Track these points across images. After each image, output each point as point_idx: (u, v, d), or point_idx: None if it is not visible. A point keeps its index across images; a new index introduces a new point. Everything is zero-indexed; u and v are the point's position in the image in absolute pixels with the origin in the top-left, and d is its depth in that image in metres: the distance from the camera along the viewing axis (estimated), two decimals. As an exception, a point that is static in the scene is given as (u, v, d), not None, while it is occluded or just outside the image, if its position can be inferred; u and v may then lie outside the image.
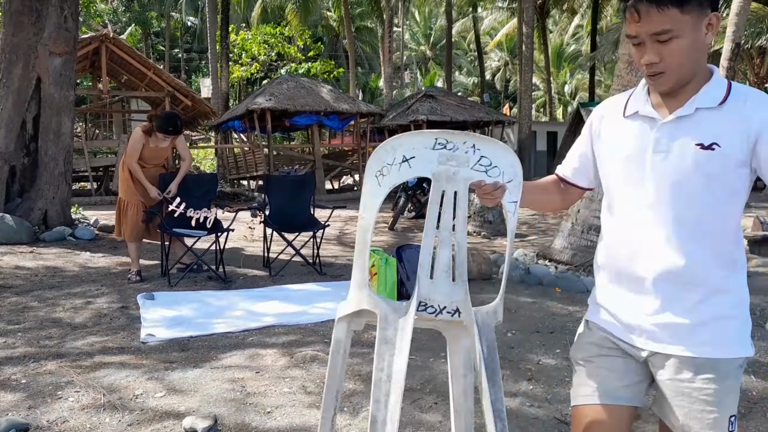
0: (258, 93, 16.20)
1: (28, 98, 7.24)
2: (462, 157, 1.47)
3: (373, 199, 1.47)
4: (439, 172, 1.47)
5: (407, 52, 43.94)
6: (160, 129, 5.08)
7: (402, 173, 1.47)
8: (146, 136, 5.14)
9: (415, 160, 1.44)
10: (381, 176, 1.45)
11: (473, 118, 17.26)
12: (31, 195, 7.32)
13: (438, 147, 1.46)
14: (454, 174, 1.46)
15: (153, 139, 5.16)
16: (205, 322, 3.91)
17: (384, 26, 21.16)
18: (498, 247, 7.08)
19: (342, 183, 20.48)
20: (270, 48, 25.59)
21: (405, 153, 1.46)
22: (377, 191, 1.46)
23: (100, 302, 4.41)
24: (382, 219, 10.09)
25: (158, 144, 5.20)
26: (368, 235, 1.48)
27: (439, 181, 1.47)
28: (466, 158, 1.47)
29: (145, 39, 34.78)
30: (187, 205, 5.07)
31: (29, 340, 3.50)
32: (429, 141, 1.45)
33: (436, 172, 1.47)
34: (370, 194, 1.46)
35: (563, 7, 29.18)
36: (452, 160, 1.47)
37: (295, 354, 3.29)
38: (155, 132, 5.10)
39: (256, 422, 2.48)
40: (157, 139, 5.16)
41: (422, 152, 1.45)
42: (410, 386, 2.86)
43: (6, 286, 4.85)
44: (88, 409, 2.57)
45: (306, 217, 5.78)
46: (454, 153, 1.46)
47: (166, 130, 5.08)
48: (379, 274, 4.44)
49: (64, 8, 7.20)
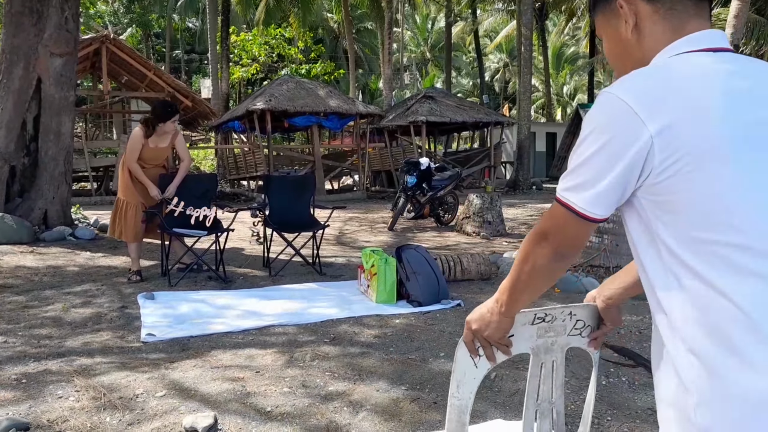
0: (258, 94, 16.21)
1: (29, 98, 7.25)
2: (560, 326, 1.44)
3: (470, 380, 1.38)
4: (538, 346, 1.42)
5: (407, 53, 43.96)
6: (162, 117, 5.03)
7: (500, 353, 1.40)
8: (145, 137, 5.12)
9: (513, 338, 1.37)
10: (477, 357, 1.37)
11: (472, 119, 17.27)
12: (32, 195, 7.33)
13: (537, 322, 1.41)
14: (551, 344, 1.43)
15: (153, 139, 5.14)
16: (205, 322, 3.92)
17: (384, 28, 21.18)
18: (497, 247, 7.09)
19: (342, 183, 20.49)
20: (271, 49, 25.62)
21: None
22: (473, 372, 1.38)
23: (101, 302, 4.41)
24: (381, 219, 10.10)
25: (158, 144, 5.19)
26: (465, 417, 1.39)
27: (538, 355, 1.43)
28: (564, 326, 1.44)
29: (146, 40, 34.82)
30: (186, 205, 5.09)
31: (29, 340, 3.50)
32: (528, 317, 1.40)
33: (535, 347, 1.42)
34: (465, 374, 1.37)
35: (562, 9, 29.20)
36: (551, 331, 1.43)
37: (295, 354, 3.30)
38: (160, 126, 5.06)
39: (256, 421, 2.49)
40: (157, 139, 5.15)
41: (521, 329, 1.39)
42: (410, 386, 2.87)
43: (6, 285, 4.86)
44: (89, 409, 2.57)
45: (306, 217, 5.79)
46: (553, 324, 1.42)
47: (169, 114, 5.04)
48: (378, 274, 4.45)
49: (65, 9, 7.21)
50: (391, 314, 4.15)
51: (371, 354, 3.32)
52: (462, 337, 1.31)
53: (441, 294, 4.44)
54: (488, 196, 8.37)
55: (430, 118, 16.26)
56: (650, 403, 2.73)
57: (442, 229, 9.02)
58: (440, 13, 35.76)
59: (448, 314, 4.17)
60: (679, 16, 1.00)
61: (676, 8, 1.00)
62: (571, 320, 1.45)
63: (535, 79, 34.71)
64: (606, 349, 3.38)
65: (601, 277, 5.09)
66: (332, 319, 4.00)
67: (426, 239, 7.86)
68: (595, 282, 4.91)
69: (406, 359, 3.24)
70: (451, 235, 8.30)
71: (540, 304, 4.65)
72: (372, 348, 3.43)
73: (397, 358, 3.26)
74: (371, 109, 16.82)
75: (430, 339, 3.60)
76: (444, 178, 9.26)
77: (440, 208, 9.30)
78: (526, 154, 17.85)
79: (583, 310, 1.47)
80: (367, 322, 3.98)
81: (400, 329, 3.80)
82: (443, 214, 9.35)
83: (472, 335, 1.27)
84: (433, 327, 3.85)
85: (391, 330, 3.78)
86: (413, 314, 4.16)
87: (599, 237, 5.33)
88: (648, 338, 3.42)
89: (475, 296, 4.66)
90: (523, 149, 17.77)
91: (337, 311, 4.19)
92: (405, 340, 3.57)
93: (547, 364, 1.44)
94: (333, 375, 3.00)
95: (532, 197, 15.33)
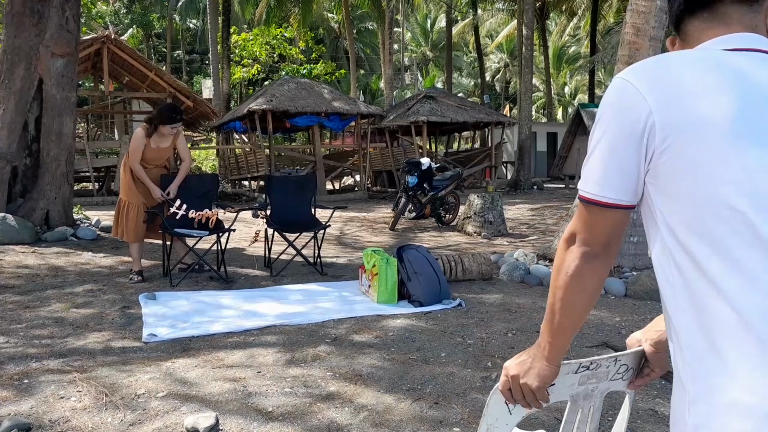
0: (259, 94, 16.21)
1: (30, 99, 7.26)
2: (603, 373, 1.36)
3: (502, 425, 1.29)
4: (578, 393, 1.35)
5: (408, 53, 43.96)
6: (165, 120, 5.03)
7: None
8: (147, 137, 5.13)
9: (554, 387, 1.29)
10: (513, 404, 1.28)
11: (473, 119, 17.27)
12: (33, 195, 7.34)
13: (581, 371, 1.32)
14: (592, 391, 1.35)
15: (154, 139, 5.15)
16: (206, 322, 3.93)
17: (384, 28, 21.19)
18: (498, 247, 7.09)
19: (343, 183, 20.50)
20: (272, 49, 25.64)
21: None
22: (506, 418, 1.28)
23: (102, 302, 4.42)
24: (382, 219, 10.10)
25: (159, 144, 5.19)
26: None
27: (576, 402, 1.35)
28: (607, 372, 1.36)
29: (147, 40, 34.84)
30: (189, 206, 5.09)
31: (31, 340, 3.51)
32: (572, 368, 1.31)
33: (575, 394, 1.34)
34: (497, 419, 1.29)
35: (563, 9, 29.19)
36: (593, 378, 1.34)
37: (296, 354, 3.30)
38: (159, 128, 5.07)
39: (257, 422, 2.49)
40: (159, 139, 5.16)
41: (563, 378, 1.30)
42: (411, 386, 2.88)
43: (8, 285, 4.87)
44: (90, 409, 2.58)
45: (307, 217, 5.80)
46: (596, 372, 1.34)
47: (172, 119, 5.06)
48: (380, 274, 4.45)
49: (66, 10, 7.22)
50: (392, 314, 4.16)
51: (372, 354, 3.33)
52: (497, 384, 1.22)
53: (442, 294, 4.45)
54: (489, 196, 8.37)
55: (431, 118, 16.26)
56: (651, 403, 2.73)
57: (443, 229, 9.02)
58: (440, 13, 35.74)
59: (449, 314, 4.17)
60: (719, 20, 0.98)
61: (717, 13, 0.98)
62: (615, 365, 1.37)
63: (536, 78, 34.71)
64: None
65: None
66: (333, 319, 4.01)
67: (427, 239, 7.86)
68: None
69: (407, 359, 3.24)
70: (452, 235, 8.30)
71: (541, 304, 4.64)
72: (373, 348, 3.43)
73: (398, 358, 3.26)
74: (372, 109, 16.82)
75: (431, 339, 3.60)
76: (445, 178, 9.26)
77: (441, 208, 9.30)
78: (527, 154, 17.85)
79: (629, 357, 1.39)
80: (369, 322, 3.98)
81: (401, 329, 3.80)
82: (444, 214, 9.35)
83: (508, 383, 1.17)
84: (434, 327, 3.86)
85: (392, 330, 3.79)
86: (414, 314, 4.17)
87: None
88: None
89: (477, 296, 4.66)
90: (524, 149, 17.77)
91: (339, 311, 4.20)
92: (406, 341, 3.57)
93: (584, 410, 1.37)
94: (334, 375, 3.00)
95: (533, 197, 15.32)
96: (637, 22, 5.25)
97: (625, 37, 5.34)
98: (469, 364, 3.16)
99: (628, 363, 1.38)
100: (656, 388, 2.86)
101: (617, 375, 1.37)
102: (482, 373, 3.04)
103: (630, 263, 5.30)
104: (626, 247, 5.32)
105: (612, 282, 4.88)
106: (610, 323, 3.96)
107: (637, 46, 5.25)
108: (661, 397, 2.80)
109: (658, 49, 5.33)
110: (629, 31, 5.31)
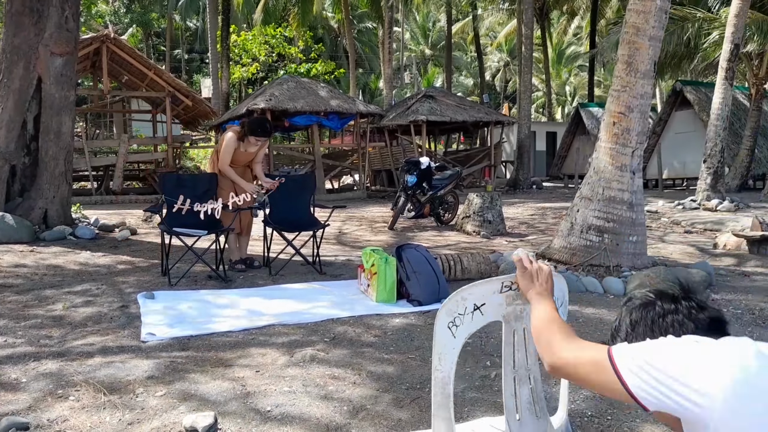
0: (258, 93, 16.21)
1: (29, 98, 7.25)
2: None
3: (449, 351, 1.48)
4: (508, 313, 1.51)
5: (407, 52, 43.95)
6: (252, 132, 5.37)
7: (475, 321, 1.47)
8: (239, 140, 5.40)
9: (485, 306, 1.46)
10: (454, 327, 1.45)
11: (473, 119, 17.26)
12: (32, 194, 7.33)
13: (504, 290, 1.49)
14: (521, 312, 1.50)
15: (244, 143, 5.43)
16: (205, 321, 3.92)
17: (384, 27, 21.17)
18: (497, 246, 7.08)
19: (342, 183, 20.50)
20: (271, 48, 25.63)
21: (475, 301, 1.49)
22: (452, 342, 1.47)
23: (101, 301, 4.42)
24: (381, 219, 10.10)
25: (247, 149, 5.49)
26: (449, 387, 1.46)
27: (509, 323, 1.50)
28: None
29: (146, 40, 34.82)
30: (192, 202, 5.14)
31: (29, 339, 3.50)
32: (496, 286, 1.49)
33: (506, 314, 1.50)
34: (444, 345, 1.46)
35: (563, 9, 29.20)
36: (518, 299, 1.50)
37: (295, 353, 3.30)
38: (247, 136, 5.37)
39: (256, 421, 2.49)
40: (248, 144, 5.42)
41: (491, 298, 1.47)
42: (410, 385, 2.87)
43: (6, 285, 4.86)
44: (89, 408, 2.57)
45: (306, 216, 5.79)
46: (519, 292, 1.48)
47: (256, 133, 5.38)
48: (378, 274, 4.45)
49: (65, 9, 7.21)
50: (391, 314, 4.15)
51: (371, 353, 3.32)
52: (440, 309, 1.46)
53: (441, 293, 4.44)
54: (488, 196, 8.37)
55: (430, 118, 16.25)
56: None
57: (443, 228, 9.03)
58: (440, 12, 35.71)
59: (448, 314, 4.17)
60: None
61: None
62: None
63: (535, 78, 34.70)
64: None
65: (601, 276, 5.09)
66: (332, 319, 4.00)
67: (426, 238, 7.86)
68: (596, 281, 4.91)
69: (406, 359, 3.24)
70: (452, 235, 8.30)
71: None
72: (372, 347, 3.43)
73: (397, 357, 3.26)
74: (371, 108, 16.82)
75: (430, 338, 3.58)
76: (444, 177, 9.26)
77: (440, 207, 9.30)
78: (527, 154, 17.85)
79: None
80: (367, 321, 3.98)
81: (400, 329, 3.80)
82: (443, 214, 9.35)
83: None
84: (433, 326, 3.85)
85: (391, 329, 3.78)
86: (413, 314, 4.16)
87: (599, 236, 5.32)
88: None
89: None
90: (524, 148, 17.77)
91: (337, 311, 4.19)
92: (405, 340, 3.57)
93: (518, 331, 1.51)
94: (333, 374, 3.00)
95: (532, 196, 15.33)
96: (637, 21, 5.25)
97: (625, 37, 5.33)
98: (468, 363, 3.15)
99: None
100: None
101: None
102: (481, 372, 3.04)
103: (629, 262, 5.30)
104: (626, 246, 5.32)
105: (611, 281, 4.88)
106: (608, 321, 3.96)
107: (637, 46, 5.25)
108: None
109: (657, 49, 5.33)
110: (629, 30, 5.30)
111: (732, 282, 5.21)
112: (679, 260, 6.23)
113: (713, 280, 5.04)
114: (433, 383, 1.47)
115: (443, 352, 1.48)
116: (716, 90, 12.02)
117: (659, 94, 30.27)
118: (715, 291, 4.83)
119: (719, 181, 12.18)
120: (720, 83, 11.86)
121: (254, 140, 5.41)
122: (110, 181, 14.06)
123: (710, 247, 7.05)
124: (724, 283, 5.11)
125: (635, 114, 5.26)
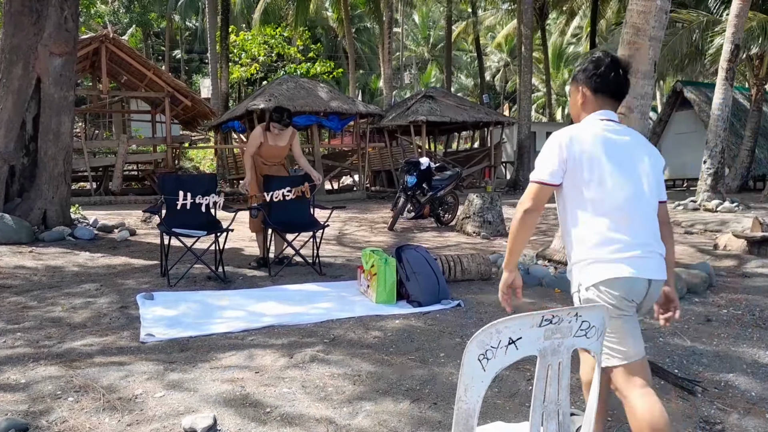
0: (257, 93, 16.20)
1: (28, 98, 7.24)
2: (566, 328, 1.48)
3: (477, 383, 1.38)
4: (545, 348, 1.45)
5: (407, 52, 43.94)
6: (272, 119, 5.56)
7: (509, 355, 1.42)
8: (265, 133, 5.60)
9: (521, 340, 1.41)
10: (485, 360, 1.38)
11: (473, 119, 17.26)
12: (31, 195, 7.32)
13: (544, 324, 1.44)
14: (558, 346, 1.46)
15: (271, 137, 5.60)
16: (204, 322, 3.91)
17: (383, 27, 21.17)
18: (498, 247, 7.08)
19: (341, 183, 20.49)
20: (270, 49, 25.61)
21: (511, 335, 1.43)
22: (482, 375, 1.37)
23: (100, 302, 4.41)
24: (381, 219, 10.09)
25: (277, 143, 5.64)
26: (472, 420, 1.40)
27: (545, 357, 1.45)
28: (570, 327, 1.48)
29: (146, 40, 34.79)
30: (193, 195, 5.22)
31: (29, 340, 3.49)
32: (535, 320, 1.44)
33: (542, 348, 1.45)
34: (472, 378, 1.37)
35: (563, 9, 29.19)
36: (557, 333, 1.46)
37: (295, 354, 3.29)
38: (271, 126, 5.54)
39: (255, 422, 2.48)
40: (274, 137, 5.61)
41: (528, 332, 1.42)
42: (410, 386, 2.87)
43: (5, 286, 4.85)
44: (88, 409, 2.57)
45: (306, 217, 5.78)
46: (560, 326, 1.46)
47: (272, 118, 5.55)
48: (378, 275, 4.44)
49: (64, 9, 7.20)
50: (390, 314, 4.14)
51: (371, 354, 3.31)
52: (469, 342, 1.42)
53: (441, 294, 4.43)
54: (488, 196, 8.36)
55: (430, 118, 16.25)
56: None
57: (442, 229, 9.02)
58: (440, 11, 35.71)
59: (448, 314, 4.16)
60: (601, 102, 2.10)
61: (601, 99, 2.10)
62: (576, 321, 1.49)
63: (535, 78, 34.69)
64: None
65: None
66: (332, 320, 3.99)
67: (426, 239, 7.85)
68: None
69: (405, 360, 3.23)
70: (452, 235, 8.29)
71: (541, 304, 4.65)
72: (372, 348, 3.42)
73: (396, 358, 3.25)
74: (371, 108, 16.80)
75: (430, 339, 3.59)
76: (444, 177, 9.25)
77: (440, 208, 9.29)
78: (527, 154, 17.84)
79: (588, 312, 1.51)
80: (367, 322, 3.97)
81: (400, 330, 3.79)
82: (443, 214, 9.34)
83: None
84: (433, 327, 3.84)
85: (391, 330, 3.78)
86: (413, 314, 4.15)
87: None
88: (649, 338, 3.41)
89: (476, 296, 4.65)
90: (524, 149, 17.77)
91: (337, 312, 4.18)
92: (405, 341, 3.56)
93: (553, 365, 1.47)
94: (332, 375, 2.99)
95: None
96: (637, 22, 5.24)
97: (625, 37, 5.33)
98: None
99: (589, 320, 1.51)
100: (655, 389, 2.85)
101: (580, 332, 1.50)
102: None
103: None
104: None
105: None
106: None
107: (637, 46, 5.24)
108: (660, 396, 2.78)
109: (657, 49, 5.32)
110: (629, 31, 5.30)
111: (732, 283, 5.20)
112: (680, 261, 6.22)
113: (713, 281, 5.03)
114: (455, 413, 1.42)
115: (470, 384, 1.40)
116: (716, 90, 12.01)
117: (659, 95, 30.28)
118: (716, 292, 4.83)
119: (719, 181, 12.17)
120: (720, 83, 11.86)
121: (275, 130, 5.54)
122: (109, 181, 14.04)
123: (710, 248, 7.04)
124: (724, 284, 5.10)
125: (635, 114, 5.26)
